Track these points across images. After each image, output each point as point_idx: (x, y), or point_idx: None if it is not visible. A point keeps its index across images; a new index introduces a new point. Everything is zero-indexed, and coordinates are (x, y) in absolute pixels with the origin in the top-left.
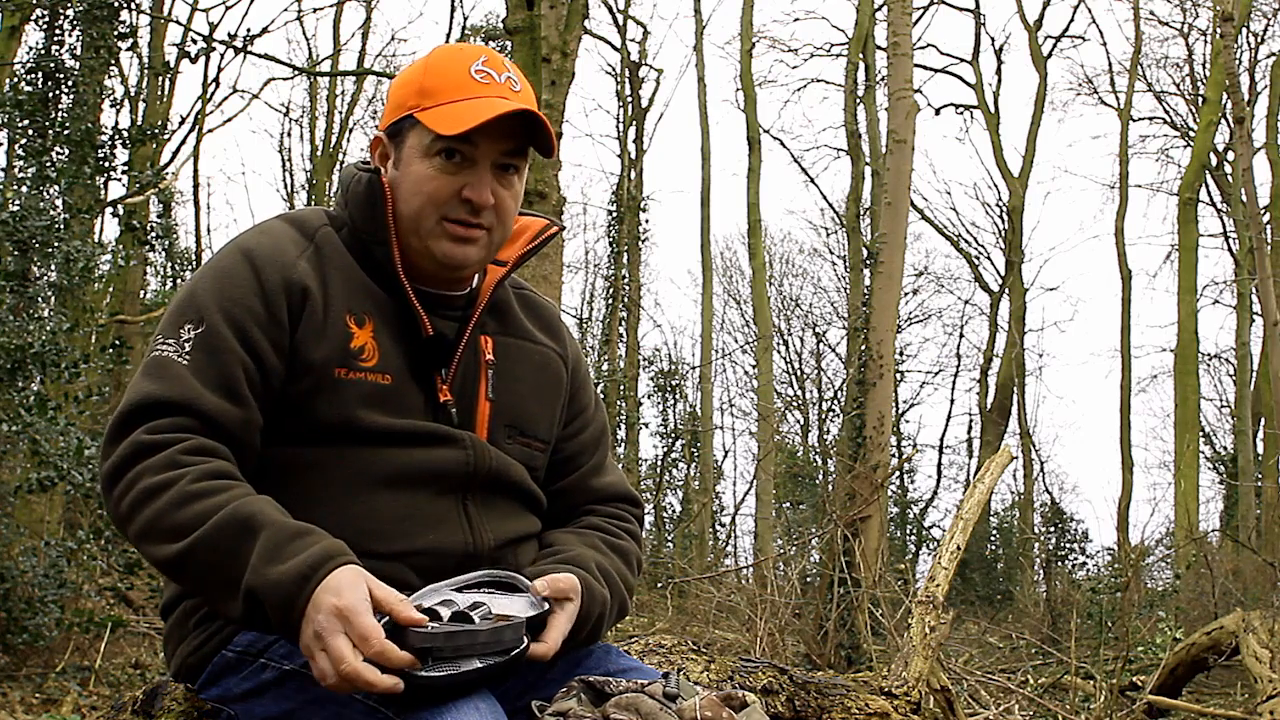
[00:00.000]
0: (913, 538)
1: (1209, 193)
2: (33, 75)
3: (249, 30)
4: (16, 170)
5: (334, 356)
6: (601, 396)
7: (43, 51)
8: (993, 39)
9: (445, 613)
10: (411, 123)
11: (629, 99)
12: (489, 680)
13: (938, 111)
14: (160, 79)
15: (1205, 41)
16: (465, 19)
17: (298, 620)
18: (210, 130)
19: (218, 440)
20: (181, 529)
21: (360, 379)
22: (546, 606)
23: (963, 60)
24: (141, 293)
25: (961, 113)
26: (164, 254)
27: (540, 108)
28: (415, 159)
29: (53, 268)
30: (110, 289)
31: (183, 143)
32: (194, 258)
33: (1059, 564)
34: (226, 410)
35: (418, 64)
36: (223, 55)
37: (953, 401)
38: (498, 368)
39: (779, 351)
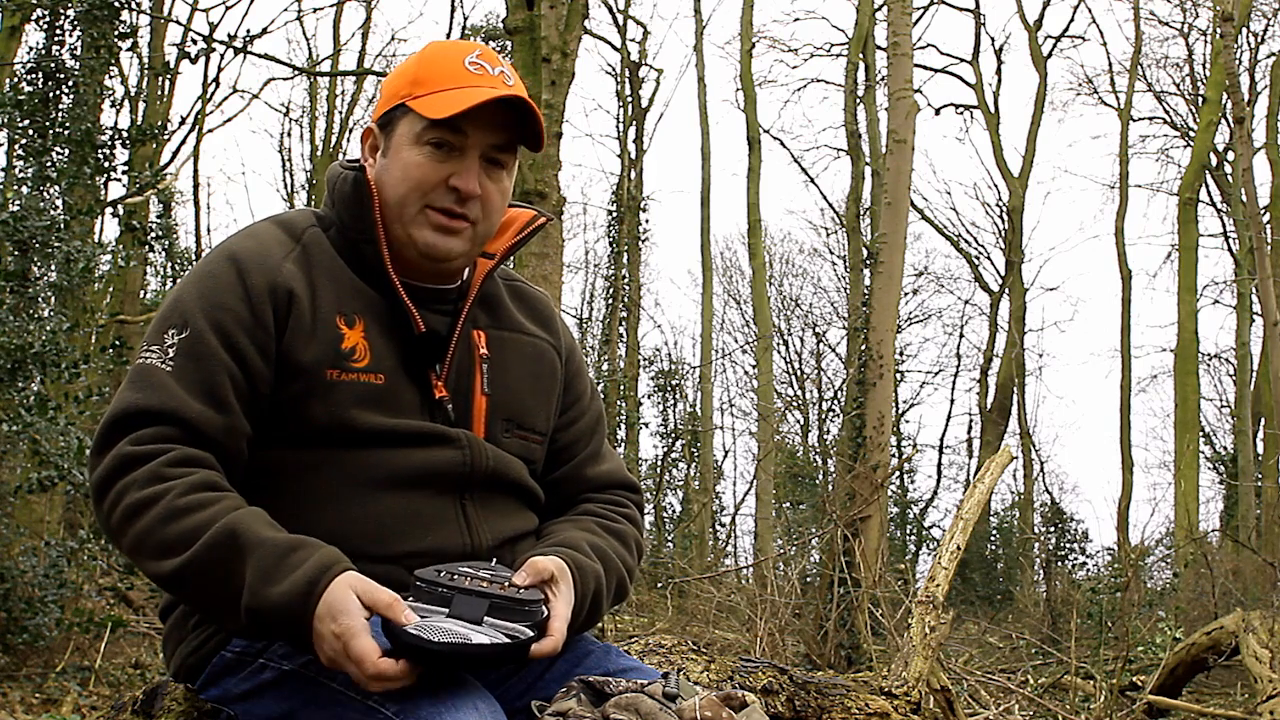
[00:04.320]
0: (913, 538)
1: (1209, 193)
2: (33, 75)
3: (249, 30)
4: (16, 170)
5: (324, 358)
6: (602, 395)
7: (43, 51)
8: (993, 39)
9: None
10: (403, 111)
11: (629, 99)
12: (492, 662)
13: (938, 111)
14: (160, 79)
15: (1205, 41)
16: (465, 19)
17: (309, 638)
18: (210, 130)
19: (202, 448)
20: (172, 546)
21: (353, 380)
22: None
23: (963, 60)
24: (141, 293)
25: (961, 113)
26: (164, 254)
27: (540, 108)
28: (405, 146)
29: (53, 268)
30: (110, 289)
31: (183, 143)
32: (194, 258)
33: (1059, 564)
34: (210, 418)
35: (412, 57)
36: (223, 55)
37: (953, 401)
38: (492, 361)
39: (779, 351)
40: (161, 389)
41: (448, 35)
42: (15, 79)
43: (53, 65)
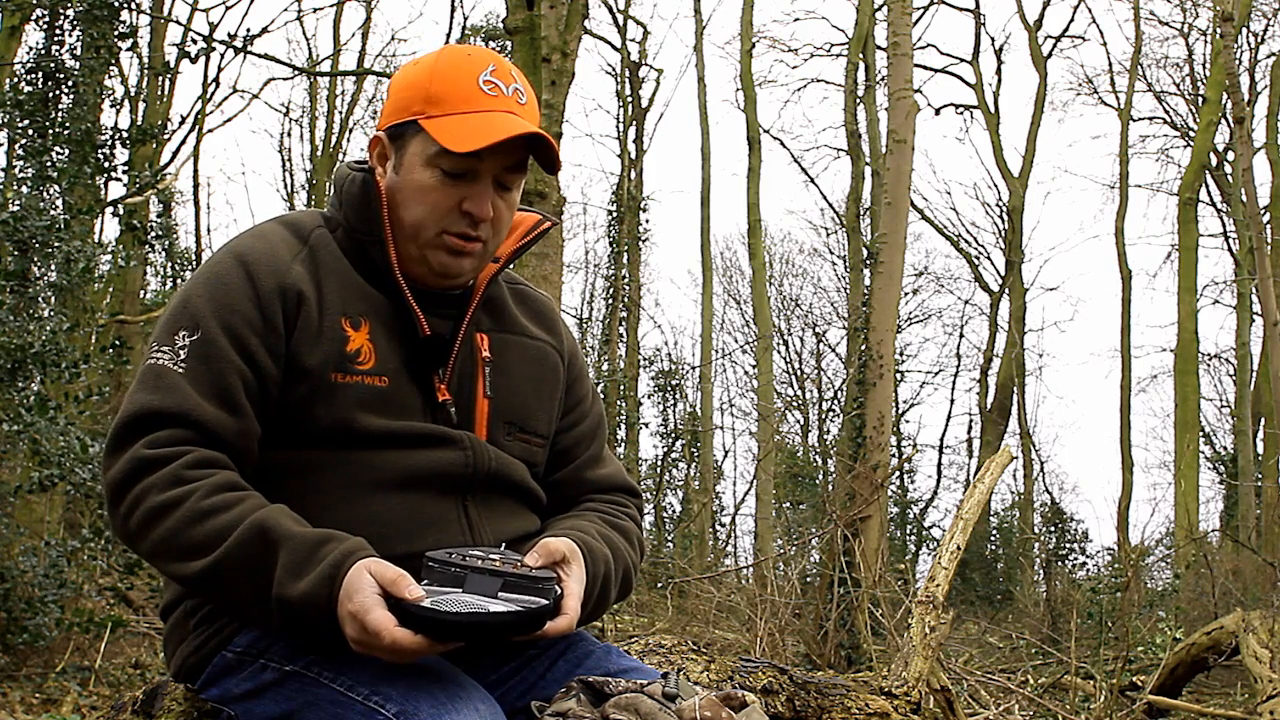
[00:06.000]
0: (913, 538)
1: (1209, 193)
2: (33, 75)
3: (249, 30)
4: (16, 170)
5: (330, 360)
6: (602, 396)
7: (43, 51)
8: (993, 39)
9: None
10: (415, 129)
11: (629, 99)
12: (511, 632)
13: (938, 111)
14: (160, 79)
15: (1205, 41)
16: (465, 19)
17: (337, 626)
18: (210, 130)
19: (216, 450)
20: (200, 547)
21: (357, 382)
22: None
23: (963, 60)
24: (141, 293)
25: (961, 113)
26: (164, 254)
27: (540, 108)
28: (417, 167)
29: (53, 268)
30: (110, 289)
31: (183, 143)
32: (194, 258)
33: (1059, 564)
34: (224, 420)
35: (424, 65)
36: (223, 55)
37: (953, 401)
38: (494, 364)
39: (779, 351)
40: (175, 391)
41: (447, 35)
42: (15, 79)
43: (53, 65)
